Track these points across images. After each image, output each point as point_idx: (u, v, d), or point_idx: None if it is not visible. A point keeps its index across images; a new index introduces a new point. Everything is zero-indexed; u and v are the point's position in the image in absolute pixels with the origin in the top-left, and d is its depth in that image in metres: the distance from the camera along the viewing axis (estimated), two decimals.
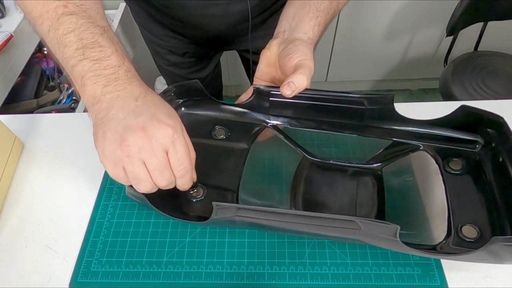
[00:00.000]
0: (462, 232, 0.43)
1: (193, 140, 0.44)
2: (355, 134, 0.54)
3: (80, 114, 0.66)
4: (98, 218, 0.50)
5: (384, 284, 0.43)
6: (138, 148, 0.36)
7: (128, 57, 0.42)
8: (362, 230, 0.39)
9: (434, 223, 0.45)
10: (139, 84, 0.40)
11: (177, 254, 0.47)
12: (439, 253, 0.42)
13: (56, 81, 0.97)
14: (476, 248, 0.37)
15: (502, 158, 0.46)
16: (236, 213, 0.41)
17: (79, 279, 0.45)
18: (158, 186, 0.40)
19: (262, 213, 0.41)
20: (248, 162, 0.51)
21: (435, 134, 0.51)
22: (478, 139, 0.49)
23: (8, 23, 0.88)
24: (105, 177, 0.54)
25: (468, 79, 1.16)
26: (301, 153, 0.54)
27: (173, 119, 0.39)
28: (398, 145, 0.53)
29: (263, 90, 0.52)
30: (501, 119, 0.46)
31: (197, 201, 0.49)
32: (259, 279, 0.45)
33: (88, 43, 0.39)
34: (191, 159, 0.41)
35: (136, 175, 0.38)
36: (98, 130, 0.38)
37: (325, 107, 0.52)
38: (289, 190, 0.50)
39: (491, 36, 1.26)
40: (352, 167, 0.52)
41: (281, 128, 0.55)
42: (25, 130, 0.62)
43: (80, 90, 0.40)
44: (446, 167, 0.49)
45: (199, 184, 0.49)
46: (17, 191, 0.54)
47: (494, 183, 0.46)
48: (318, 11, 0.49)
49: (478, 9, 1.10)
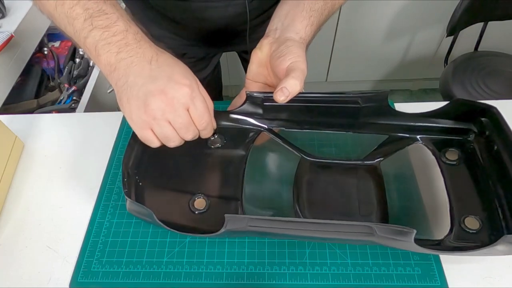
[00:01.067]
0: (465, 224, 0.44)
1: (190, 150, 0.44)
2: (350, 131, 0.54)
3: (80, 114, 0.66)
4: (98, 218, 0.50)
5: (384, 284, 0.43)
6: (162, 111, 0.39)
7: (133, 21, 0.43)
8: (377, 234, 0.39)
9: (436, 217, 0.46)
10: (149, 46, 0.42)
11: (177, 254, 0.47)
12: (450, 251, 0.42)
13: (56, 81, 0.97)
14: (480, 239, 0.39)
15: (497, 146, 0.46)
16: (248, 223, 0.41)
17: (79, 279, 0.45)
18: (185, 139, 0.43)
19: (277, 223, 0.41)
20: (247, 169, 0.51)
21: (430, 126, 0.51)
22: (471, 127, 0.50)
23: (8, 23, 0.88)
24: (105, 177, 0.54)
25: (468, 79, 1.16)
26: (299, 155, 0.54)
27: (188, 78, 0.41)
28: (394, 140, 0.53)
29: (256, 97, 0.51)
30: (494, 108, 0.47)
31: (200, 213, 0.48)
32: (259, 279, 0.45)
33: (94, 12, 0.40)
34: (209, 111, 0.44)
35: (164, 134, 0.41)
36: (122, 97, 0.41)
37: (320, 108, 0.52)
38: (291, 193, 0.50)
39: (491, 36, 1.26)
40: (350, 164, 0.53)
41: (277, 131, 0.55)
42: (25, 130, 0.62)
43: (95, 60, 0.42)
44: (442, 158, 0.50)
45: (202, 195, 0.49)
46: (17, 191, 0.54)
47: (491, 171, 0.47)
48: (311, 10, 0.49)
49: (478, 9, 1.10)
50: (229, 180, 0.51)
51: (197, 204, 0.49)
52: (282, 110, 0.53)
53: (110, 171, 0.55)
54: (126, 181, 0.46)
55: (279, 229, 0.42)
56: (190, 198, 0.49)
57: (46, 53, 1.02)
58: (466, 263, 0.45)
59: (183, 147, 0.44)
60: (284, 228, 0.42)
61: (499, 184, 0.45)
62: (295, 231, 0.42)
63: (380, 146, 0.53)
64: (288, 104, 0.51)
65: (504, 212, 0.43)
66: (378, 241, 0.41)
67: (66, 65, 0.99)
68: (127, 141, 0.48)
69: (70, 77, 0.96)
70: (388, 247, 0.46)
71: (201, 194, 0.49)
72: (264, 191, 0.51)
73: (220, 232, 0.41)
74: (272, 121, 0.55)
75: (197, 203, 0.49)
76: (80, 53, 1.02)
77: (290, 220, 0.42)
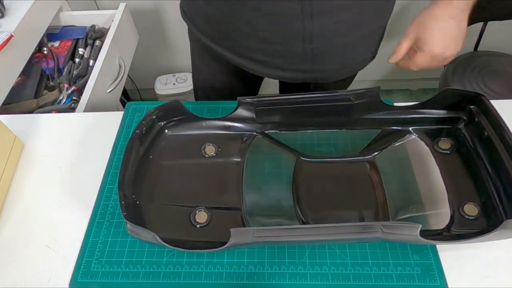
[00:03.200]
0: (464, 211, 0.45)
1: (184, 162, 0.43)
2: (344, 129, 0.55)
3: (80, 114, 0.66)
4: (98, 218, 0.50)
5: (384, 284, 0.43)
6: None
7: None
8: (383, 232, 0.40)
9: (436, 206, 0.47)
10: None
11: (177, 254, 0.47)
12: (454, 239, 0.43)
13: (56, 81, 0.97)
14: (480, 225, 0.40)
15: (487, 132, 0.47)
16: (255, 234, 0.41)
17: (79, 279, 0.45)
18: None
19: (285, 231, 0.41)
20: (245, 175, 0.50)
21: (422, 117, 0.52)
22: (461, 116, 0.51)
23: (8, 23, 0.87)
24: (105, 177, 0.54)
25: (468, 79, 1.16)
26: (295, 156, 0.54)
27: None
28: (388, 133, 0.54)
29: (249, 102, 0.51)
30: (482, 95, 0.48)
31: (201, 227, 0.47)
32: (259, 279, 0.45)
33: None
34: None
35: None
36: None
37: (312, 108, 0.52)
38: (291, 195, 0.50)
39: (491, 36, 1.26)
40: (347, 161, 0.53)
41: (270, 134, 0.55)
42: (25, 130, 0.62)
43: None
44: (436, 147, 0.51)
45: (202, 208, 0.48)
46: (17, 191, 0.54)
47: (483, 157, 0.48)
48: None
49: (478, 9, 1.10)
50: (228, 189, 0.50)
51: (198, 217, 0.48)
52: (275, 113, 0.53)
53: (110, 171, 0.55)
54: (124, 204, 0.43)
55: (287, 236, 0.42)
56: (190, 212, 0.48)
57: (45, 53, 1.02)
58: (466, 262, 0.45)
59: (177, 159, 0.43)
60: (292, 235, 0.42)
61: (492, 169, 0.46)
62: (303, 237, 0.42)
63: (374, 140, 0.54)
64: (281, 106, 0.52)
65: (500, 196, 0.45)
66: (383, 236, 0.42)
67: (66, 65, 0.99)
68: (126, 142, 0.48)
69: (70, 77, 0.96)
70: (388, 247, 0.46)
71: (201, 207, 0.48)
72: (264, 196, 0.50)
73: (225, 246, 0.40)
74: (266, 124, 0.55)
75: (198, 217, 0.48)
76: (80, 53, 1.02)
77: (297, 227, 0.42)
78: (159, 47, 1.45)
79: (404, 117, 0.53)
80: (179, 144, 0.54)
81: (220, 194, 0.50)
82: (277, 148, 0.54)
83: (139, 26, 1.21)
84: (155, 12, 1.32)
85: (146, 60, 1.51)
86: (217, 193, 0.50)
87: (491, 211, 0.45)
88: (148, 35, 1.34)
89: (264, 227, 0.42)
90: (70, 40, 1.05)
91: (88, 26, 1.09)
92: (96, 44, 1.05)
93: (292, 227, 0.42)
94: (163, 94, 1.50)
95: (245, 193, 0.49)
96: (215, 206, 0.49)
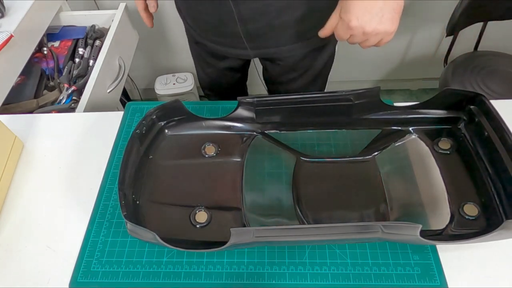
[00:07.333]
0: (464, 211, 0.45)
1: (184, 162, 0.43)
2: (344, 129, 0.55)
3: (80, 114, 0.66)
4: (98, 217, 0.50)
5: (384, 284, 0.43)
6: None
7: None
8: (383, 232, 0.40)
9: (436, 206, 0.46)
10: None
11: (177, 254, 0.47)
12: (454, 239, 0.43)
13: (56, 81, 0.97)
14: (479, 225, 0.40)
15: (487, 132, 0.47)
16: (255, 234, 0.41)
17: (79, 279, 0.45)
18: None
19: (285, 231, 0.41)
20: (245, 175, 0.51)
21: (421, 118, 0.52)
22: (461, 116, 0.51)
23: (8, 23, 0.87)
24: (105, 177, 0.54)
25: (468, 79, 1.16)
26: (295, 156, 0.54)
27: None
28: (388, 133, 0.54)
29: (248, 101, 0.51)
30: (482, 95, 0.48)
31: (202, 226, 0.47)
32: (259, 279, 0.45)
33: None
34: None
35: None
36: None
37: (312, 108, 0.52)
38: (291, 195, 0.50)
39: (491, 36, 1.26)
40: (346, 161, 0.53)
41: (270, 134, 0.55)
42: (25, 130, 0.62)
43: None
44: (436, 147, 0.51)
45: (202, 208, 0.48)
46: (17, 191, 0.54)
47: (483, 157, 0.48)
48: None
49: (478, 9, 1.10)
50: (228, 188, 0.50)
51: (198, 217, 0.48)
52: (275, 113, 0.53)
53: (110, 171, 0.55)
54: (124, 203, 0.43)
55: (287, 236, 0.42)
56: (190, 212, 0.48)
57: (45, 53, 1.02)
58: (466, 262, 0.45)
59: (177, 159, 0.42)
60: (292, 235, 0.42)
61: (492, 169, 0.46)
62: (303, 237, 0.42)
63: (374, 140, 0.54)
64: (281, 106, 0.52)
65: (500, 196, 0.45)
66: (383, 236, 0.42)
67: (66, 65, 0.99)
68: (126, 142, 0.48)
69: (70, 77, 0.96)
70: (388, 247, 0.46)
71: (201, 207, 0.48)
72: (264, 196, 0.50)
73: (225, 246, 0.40)
74: (265, 124, 0.55)
75: (198, 217, 0.48)
76: (80, 53, 1.03)
77: (297, 227, 0.42)
78: (159, 47, 1.45)
79: (404, 117, 0.53)
80: (179, 144, 0.54)
81: (220, 194, 0.50)
82: (277, 148, 0.54)
83: (139, 26, 1.21)
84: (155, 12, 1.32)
85: (146, 60, 1.51)
86: (217, 193, 0.50)
87: (491, 211, 0.45)
88: (148, 35, 1.34)
89: (264, 227, 0.42)
90: (70, 40, 1.05)
91: (88, 26, 1.09)
92: (96, 44, 1.05)
93: (292, 227, 0.42)
94: (163, 94, 1.51)
95: (245, 193, 0.49)
96: (215, 206, 0.49)
